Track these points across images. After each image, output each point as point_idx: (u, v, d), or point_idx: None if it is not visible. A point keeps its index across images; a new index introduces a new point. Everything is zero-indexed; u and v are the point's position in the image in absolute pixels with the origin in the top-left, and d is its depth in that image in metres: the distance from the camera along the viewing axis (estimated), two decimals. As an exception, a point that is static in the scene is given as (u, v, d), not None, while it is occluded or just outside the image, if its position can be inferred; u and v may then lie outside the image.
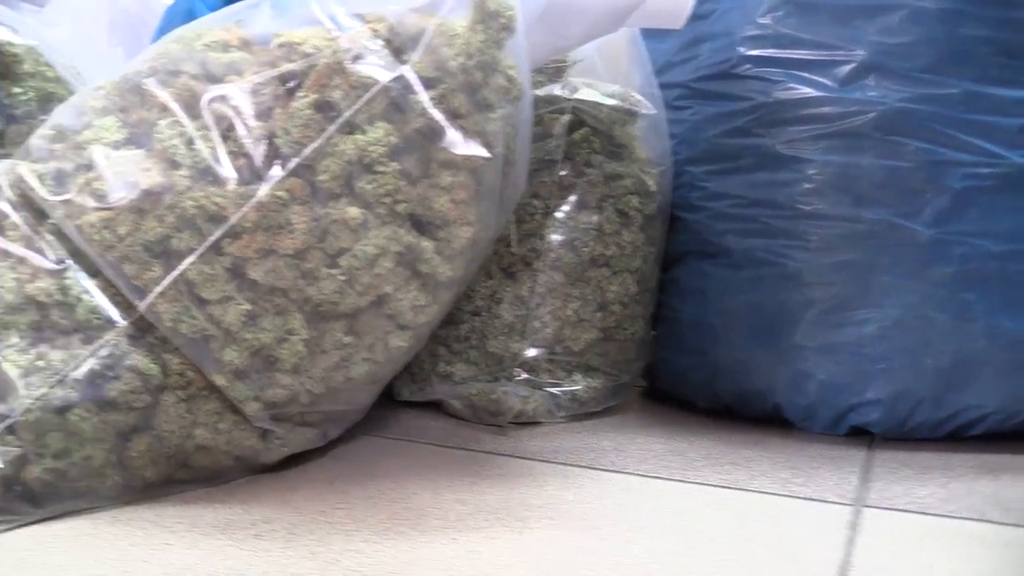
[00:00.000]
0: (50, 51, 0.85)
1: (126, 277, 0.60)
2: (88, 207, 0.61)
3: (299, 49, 0.60)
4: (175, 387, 0.61)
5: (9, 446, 0.56)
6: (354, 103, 0.59)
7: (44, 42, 0.84)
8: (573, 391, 0.90)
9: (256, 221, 0.59)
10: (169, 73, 0.64)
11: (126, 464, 0.61)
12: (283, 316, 0.62)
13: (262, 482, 0.67)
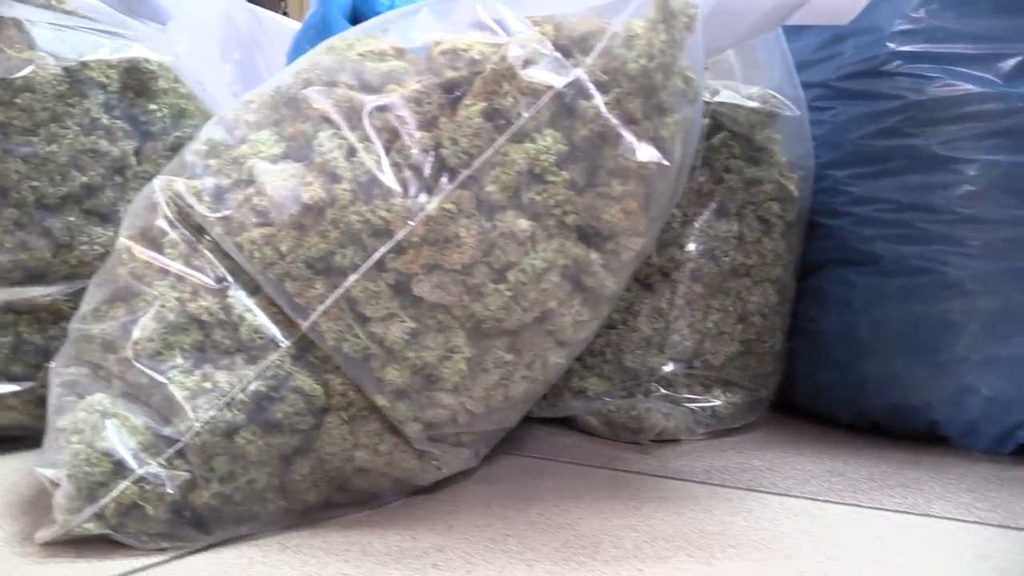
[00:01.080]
0: (180, 66, 0.84)
1: (288, 295, 0.58)
2: (248, 223, 0.59)
3: (464, 56, 0.58)
4: (338, 408, 0.59)
5: (177, 470, 0.55)
6: (526, 110, 0.56)
7: (177, 57, 0.83)
8: (713, 407, 0.86)
9: (423, 235, 0.57)
10: (325, 84, 0.62)
11: (288, 488, 0.59)
12: (445, 333, 0.59)
13: (417, 505, 0.65)
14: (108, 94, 0.79)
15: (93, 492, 0.53)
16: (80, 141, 0.77)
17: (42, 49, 0.76)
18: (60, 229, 0.77)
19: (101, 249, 0.78)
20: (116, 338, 0.59)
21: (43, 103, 0.75)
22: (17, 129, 0.74)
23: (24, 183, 0.75)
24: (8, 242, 0.75)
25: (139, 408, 0.56)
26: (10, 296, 0.75)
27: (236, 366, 0.57)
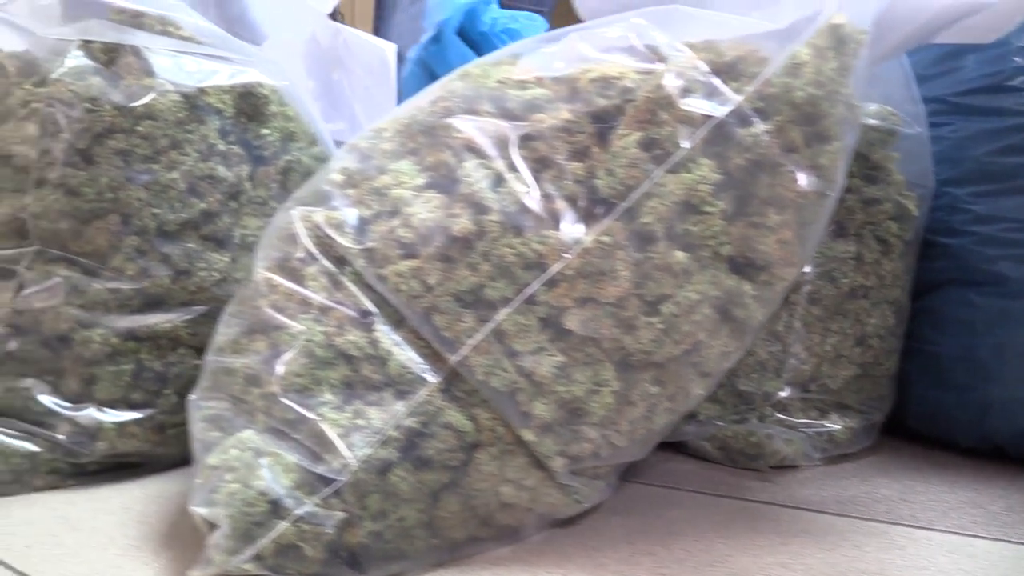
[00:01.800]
0: (291, 90, 0.84)
1: (436, 328, 0.57)
2: (392, 255, 0.58)
3: (617, 84, 0.57)
4: (487, 444, 0.58)
5: (333, 509, 0.54)
6: (686, 140, 0.55)
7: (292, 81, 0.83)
8: (830, 431, 0.84)
9: (578, 268, 0.56)
10: (465, 112, 0.61)
11: (436, 524, 0.58)
12: (594, 367, 0.58)
13: (558, 540, 0.63)
14: (224, 119, 0.79)
15: (251, 532, 0.53)
16: (198, 167, 0.77)
17: (161, 76, 0.76)
18: (179, 256, 0.76)
19: (219, 275, 0.78)
20: (259, 372, 0.59)
21: (163, 130, 0.75)
22: (138, 156, 0.74)
23: (146, 210, 0.74)
24: (130, 269, 0.75)
25: (288, 445, 0.56)
26: (131, 323, 0.75)
27: (386, 402, 0.56)
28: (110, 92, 0.74)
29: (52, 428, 0.73)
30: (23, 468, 0.72)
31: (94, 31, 0.75)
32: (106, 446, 0.74)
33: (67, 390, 0.74)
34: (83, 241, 0.74)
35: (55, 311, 0.73)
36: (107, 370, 0.74)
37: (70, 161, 0.73)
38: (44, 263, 0.74)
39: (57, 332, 0.73)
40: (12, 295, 0.73)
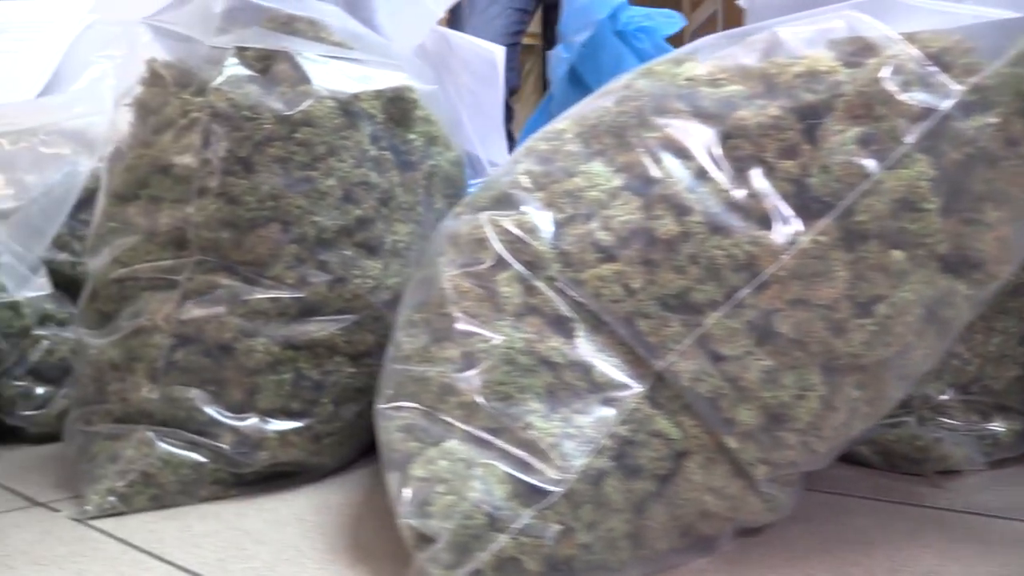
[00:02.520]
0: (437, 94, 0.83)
1: (640, 334, 0.56)
2: (589, 259, 0.57)
3: (826, 78, 0.55)
4: (694, 451, 0.56)
5: (548, 521, 0.52)
6: (908, 135, 0.53)
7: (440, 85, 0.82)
8: (994, 434, 0.82)
9: (792, 270, 0.54)
10: (656, 112, 0.59)
11: (640, 535, 0.57)
12: (799, 371, 0.56)
13: (749, 550, 0.62)
14: (375, 125, 0.78)
15: (469, 546, 0.51)
16: (354, 173, 0.76)
17: (315, 82, 0.75)
18: (335, 263, 0.76)
19: (373, 282, 0.77)
20: (455, 381, 0.57)
21: (321, 137, 0.74)
22: (297, 164, 0.74)
23: (305, 218, 0.74)
24: (289, 278, 0.74)
25: (494, 455, 0.54)
26: (290, 332, 0.74)
27: (593, 410, 0.55)
28: (267, 100, 0.73)
29: (216, 438, 0.73)
30: (190, 479, 0.72)
31: (249, 38, 0.74)
32: (268, 456, 0.74)
33: (230, 400, 0.73)
34: (243, 250, 0.73)
35: (218, 321, 0.73)
36: (268, 379, 0.74)
37: (231, 170, 0.73)
38: (205, 273, 0.74)
39: (220, 342, 0.73)
40: (175, 305, 0.73)
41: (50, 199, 0.94)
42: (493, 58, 1.28)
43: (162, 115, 0.75)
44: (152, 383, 0.72)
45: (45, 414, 0.95)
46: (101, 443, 0.74)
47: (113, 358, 0.74)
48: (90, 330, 0.78)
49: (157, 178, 0.74)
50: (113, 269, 0.76)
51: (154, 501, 0.71)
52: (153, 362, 0.72)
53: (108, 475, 0.70)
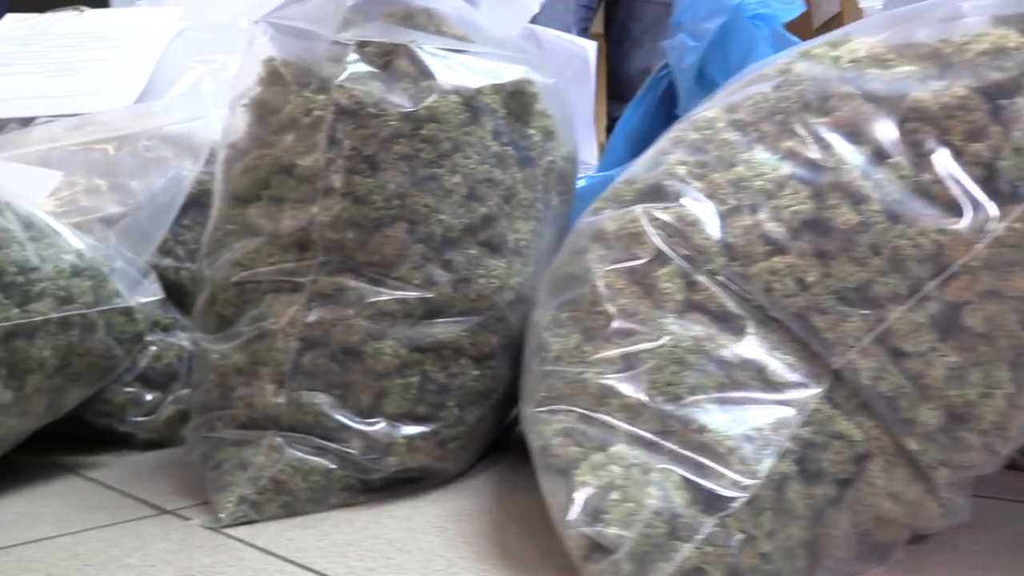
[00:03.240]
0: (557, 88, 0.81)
1: (815, 329, 0.53)
2: (758, 252, 0.54)
3: (1016, 55, 0.51)
4: (875, 454, 0.53)
5: (731, 529, 0.49)
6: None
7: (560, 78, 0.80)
8: None
9: (985, 260, 0.50)
10: (821, 96, 0.56)
11: (816, 543, 0.53)
12: (985, 367, 0.53)
13: (922, 557, 0.58)
14: (497, 120, 0.76)
15: (650, 556, 0.49)
16: (478, 170, 0.74)
17: (438, 77, 0.73)
18: (460, 263, 0.73)
19: (497, 282, 0.75)
20: (616, 381, 0.55)
21: (446, 133, 0.72)
22: (422, 161, 0.72)
23: (432, 216, 0.72)
24: (416, 278, 0.72)
25: (667, 458, 0.52)
26: (417, 334, 0.72)
27: (770, 411, 0.52)
28: (391, 96, 0.72)
29: (344, 443, 0.71)
30: (320, 485, 0.70)
31: (372, 33, 0.73)
32: (396, 461, 0.72)
33: (357, 404, 0.72)
34: (369, 250, 0.72)
35: (346, 323, 0.71)
36: (396, 383, 0.72)
37: (356, 168, 0.71)
38: (330, 274, 0.72)
39: (347, 345, 0.71)
40: (301, 308, 0.71)
41: (156, 205, 0.94)
42: (585, 54, 1.26)
43: (283, 114, 0.73)
44: (279, 387, 0.71)
45: (154, 420, 0.94)
46: (227, 449, 0.72)
47: (237, 363, 0.72)
48: (208, 334, 0.77)
49: (279, 179, 0.73)
50: (234, 272, 0.74)
51: (285, 508, 0.69)
52: (279, 366, 0.71)
53: (238, 482, 0.69)
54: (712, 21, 0.75)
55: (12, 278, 0.73)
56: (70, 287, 0.78)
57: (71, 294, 0.78)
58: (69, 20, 1.22)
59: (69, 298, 0.77)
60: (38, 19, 1.23)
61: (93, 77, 1.14)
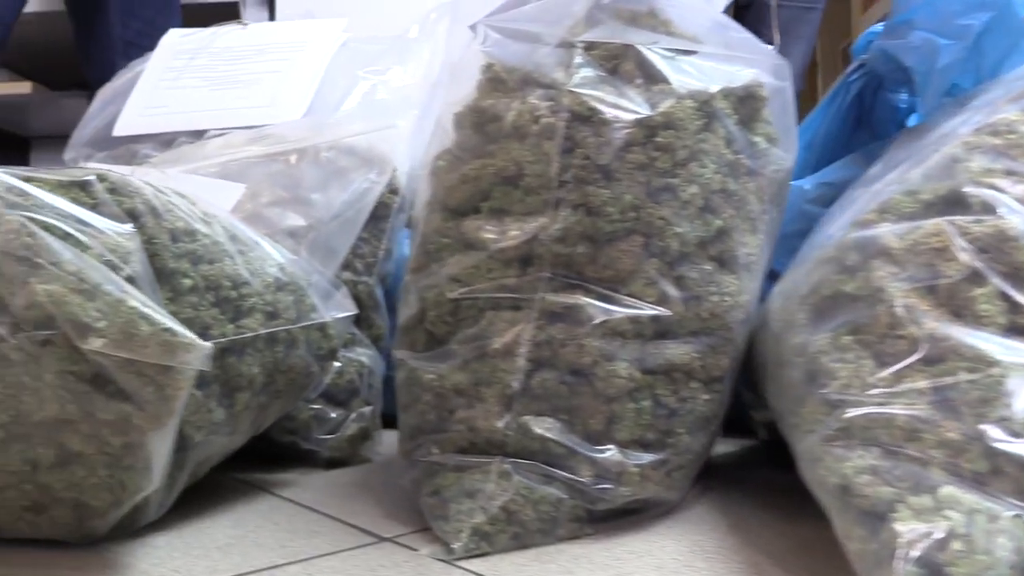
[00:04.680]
0: (789, 91, 0.75)
1: None
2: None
3: None
4: None
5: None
6: None
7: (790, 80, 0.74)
8: None
9: None
10: None
11: None
12: None
13: None
14: (728, 126, 0.71)
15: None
16: (714, 180, 0.69)
17: (671, 80, 0.68)
18: (692, 279, 0.69)
19: (730, 300, 0.70)
20: (930, 414, 0.49)
21: (682, 141, 0.67)
22: (658, 171, 0.67)
23: (668, 229, 0.67)
24: (649, 295, 0.67)
25: (1003, 503, 0.46)
26: (648, 355, 0.68)
27: None
28: (624, 101, 0.67)
29: (573, 471, 0.66)
30: (549, 516, 0.66)
31: (601, 35, 0.68)
32: (629, 492, 0.67)
33: (585, 430, 0.67)
34: (599, 265, 0.67)
35: (577, 343, 0.66)
36: (628, 407, 0.67)
37: (590, 178, 0.67)
38: (558, 291, 0.68)
39: (578, 366, 0.67)
40: (528, 327, 0.67)
41: (342, 219, 0.91)
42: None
43: (505, 122, 0.70)
44: (504, 411, 0.67)
45: (337, 438, 0.91)
46: (447, 475, 0.68)
47: (457, 384, 0.69)
48: (417, 353, 0.74)
49: (502, 190, 0.69)
50: (450, 288, 0.71)
51: (515, 540, 0.65)
52: (505, 388, 0.67)
53: (466, 511, 0.65)
54: (972, 17, 0.68)
55: (227, 292, 0.70)
56: (276, 302, 0.75)
57: (276, 309, 0.75)
58: (233, 34, 1.22)
59: (275, 313, 0.75)
60: (202, 33, 1.24)
61: (261, 90, 1.13)
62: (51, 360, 0.56)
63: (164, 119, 1.15)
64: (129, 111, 1.18)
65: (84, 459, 0.59)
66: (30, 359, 0.56)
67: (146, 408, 0.56)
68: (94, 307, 0.53)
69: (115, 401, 0.56)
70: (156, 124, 1.15)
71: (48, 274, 0.54)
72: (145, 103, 1.18)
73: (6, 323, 0.55)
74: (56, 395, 0.57)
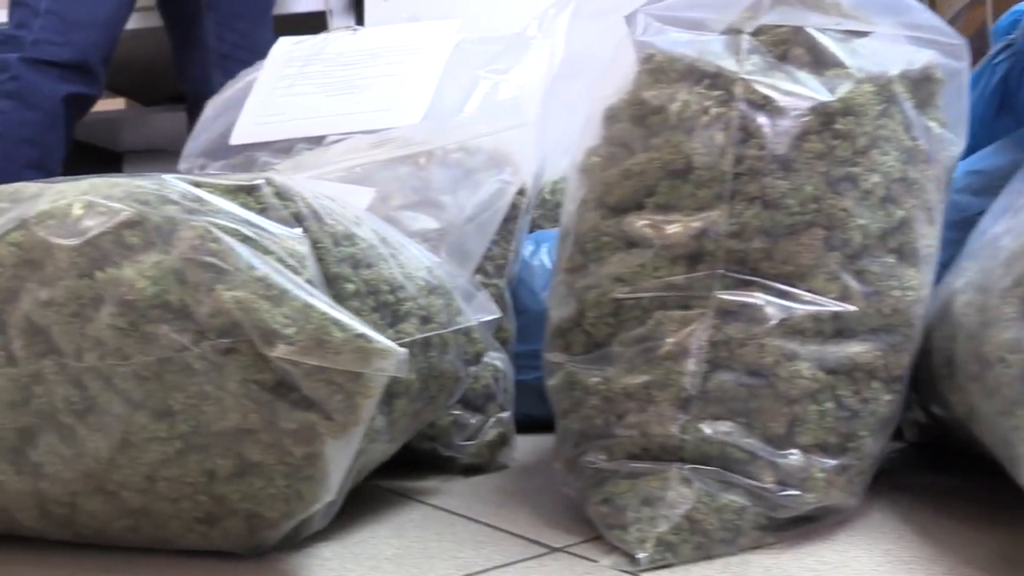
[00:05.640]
0: (965, 72, 0.71)
1: None
2: None
3: None
4: None
5: None
6: None
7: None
8: None
9: None
10: None
11: None
12: None
13: None
14: (906, 111, 0.67)
15: None
16: (896, 169, 0.65)
17: (846, 64, 0.65)
18: (875, 273, 0.65)
19: (913, 295, 0.66)
20: None
21: (862, 128, 0.64)
22: (838, 160, 0.64)
23: (850, 221, 0.64)
24: (831, 291, 0.64)
25: None
26: (830, 354, 0.64)
27: None
28: (797, 87, 0.64)
29: (755, 477, 0.63)
30: (732, 524, 0.63)
31: (770, 18, 0.65)
32: (814, 498, 0.63)
33: (765, 433, 0.64)
34: (777, 260, 0.64)
35: (757, 343, 0.63)
36: (810, 409, 0.64)
37: (767, 169, 0.63)
38: (732, 288, 0.65)
39: (757, 367, 0.64)
40: (703, 326, 0.64)
41: (478, 221, 0.89)
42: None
43: (669, 114, 0.67)
44: (680, 414, 0.64)
45: (477, 444, 0.90)
46: (619, 482, 0.66)
47: (627, 387, 0.66)
48: (574, 356, 0.71)
49: (668, 184, 0.66)
50: (612, 288, 0.68)
51: (698, 551, 0.62)
52: (681, 391, 0.64)
53: (646, 520, 0.62)
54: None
55: (385, 297, 0.69)
56: (429, 306, 0.74)
57: (429, 313, 0.74)
58: (344, 39, 1.21)
59: (428, 318, 0.73)
60: (313, 40, 1.23)
61: (378, 94, 1.12)
62: (234, 369, 0.54)
63: (281, 126, 1.15)
64: (245, 120, 1.18)
65: (263, 469, 0.58)
66: (213, 368, 0.55)
67: (333, 416, 0.54)
68: (282, 313, 0.52)
69: (299, 410, 0.55)
70: (273, 132, 1.15)
71: (234, 280, 0.53)
72: (261, 111, 1.18)
73: (190, 331, 0.54)
74: (239, 404, 0.55)
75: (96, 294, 0.55)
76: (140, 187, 0.56)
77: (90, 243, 0.55)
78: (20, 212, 0.58)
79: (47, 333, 0.57)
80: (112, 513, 0.62)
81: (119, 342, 0.55)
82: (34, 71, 1.33)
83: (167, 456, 0.58)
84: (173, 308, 0.54)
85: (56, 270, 0.56)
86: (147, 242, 0.55)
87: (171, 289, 0.54)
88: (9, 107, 1.30)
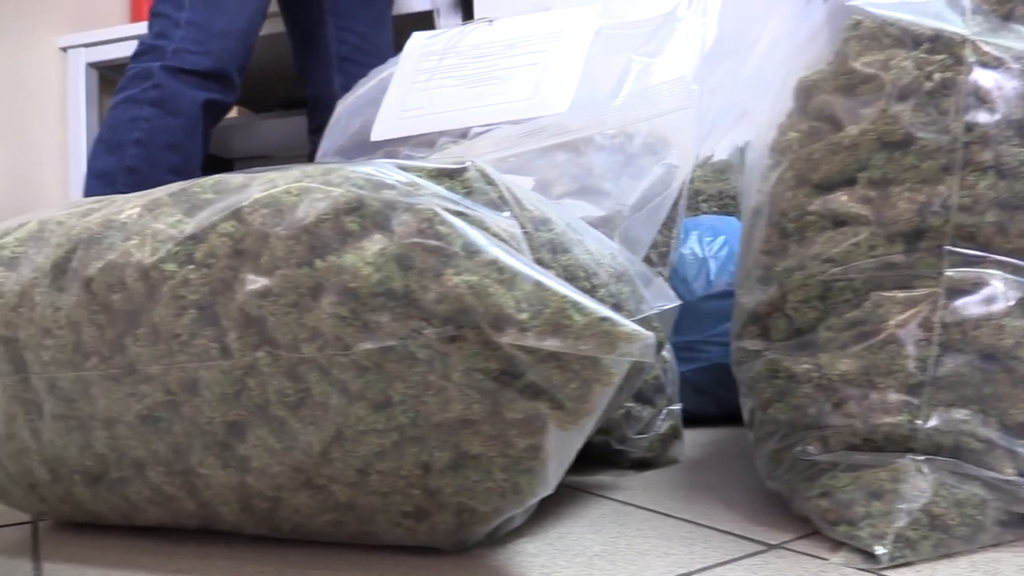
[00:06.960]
0: None
1: None
2: None
3: None
4: None
5: None
6: None
7: None
8: None
9: None
10: None
11: None
12: None
13: None
14: None
15: None
16: None
17: None
18: (1121, 246, 0.59)
19: None
20: None
21: (1106, 87, 0.59)
22: (1079, 123, 0.59)
23: (1096, 190, 0.58)
24: (1076, 267, 0.59)
25: None
26: (1074, 335, 0.59)
27: None
28: (1031, 48, 0.59)
29: (994, 468, 0.59)
30: (974, 520, 0.58)
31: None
32: (1063, 491, 0.58)
33: (1003, 420, 0.59)
34: (1014, 235, 0.59)
35: (995, 324, 0.59)
36: (1055, 395, 0.59)
37: (1002, 136, 0.59)
38: (962, 265, 0.60)
39: (993, 349, 0.59)
40: (932, 307, 0.60)
41: (648, 207, 0.86)
42: None
43: (882, 82, 0.63)
44: (910, 402, 0.60)
45: (650, 437, 0.87)
46: (839, 475, 0.62)
47: (845, 374, 0.62)
48: (774, 342, 0.68)
49: (883, 156, 0.62)
50: (819, 269, 0.64)
51: (937, 548, 0.58)
52: (909, 377, 0.60)
53: (880, 515, 0.58)
54: None
55: (582, 283, 0.66)
56: (619, 293, 0.71)
57: (619, 300, 0.71)
58: (480, 31, 1.20)
59: (619, 305, 0.70)
60: (448, 34, 1.22)
61: (520, 83, 1.10)
62: (459, 357, 0.52)
63: (423, 120, 1.13)
64: (384, 116, 1.17)
65: (481, 461, 0.56)
66: (437, 356, 0.53)
67: (565, 405, 0.52)
68: (515, 297, 0.50)
69: (525, 398, 0.53)
70: (415, 126, 1.14)
71: (464, 264, 0.51)
72: (400, 106, 1.17)
73: (414, 318, 0.52)
74: (462, 394, 0.53)
75: (316, 283, 0.54)
76: (355, 172, 0.55)
77: (308, 230, 0.54)
78: (230, 202, 0.58)
79: (262, 324, 0.56)
80: (318, 507, 0.61)
81: (340, 331, 0.54)
82: (175, 79, 1.35)
83: (383, 449, 0.56)
84: (396, 295, 0.52)
85: (272, 259, 0.55)
86: (366, 228, 0.53)
87: (395, 276, 0.52)
88: (153, 114, 1.33)
